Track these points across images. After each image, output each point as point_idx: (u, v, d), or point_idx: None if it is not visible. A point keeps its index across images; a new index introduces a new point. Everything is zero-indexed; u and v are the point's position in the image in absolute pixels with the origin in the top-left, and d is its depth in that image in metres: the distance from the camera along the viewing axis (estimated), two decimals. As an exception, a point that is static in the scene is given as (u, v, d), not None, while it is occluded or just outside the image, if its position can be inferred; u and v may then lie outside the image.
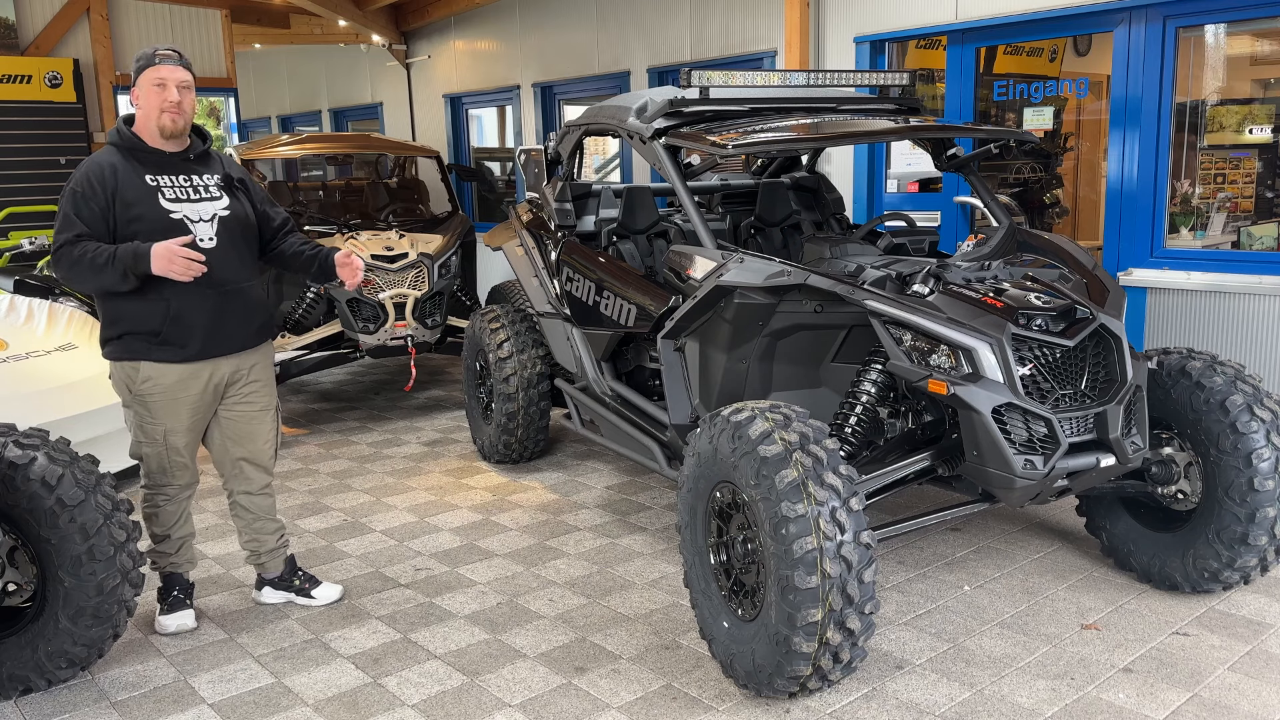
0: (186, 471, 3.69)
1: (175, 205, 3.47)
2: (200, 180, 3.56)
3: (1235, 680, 3.24)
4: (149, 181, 3.46)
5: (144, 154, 3.49)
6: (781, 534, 2.85)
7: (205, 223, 3.51)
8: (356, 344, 6.66)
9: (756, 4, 7.16)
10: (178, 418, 3.57)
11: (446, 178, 8.33)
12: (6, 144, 8.95)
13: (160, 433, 3.58)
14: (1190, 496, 3.72)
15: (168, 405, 3.54)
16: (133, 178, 3.43)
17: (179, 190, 3.50)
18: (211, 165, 3.64)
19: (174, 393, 3.54)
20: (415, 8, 10.49)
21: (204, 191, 3.55)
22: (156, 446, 3.60)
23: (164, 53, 3.47)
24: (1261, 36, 5.48)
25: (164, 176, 3.49)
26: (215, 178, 3.61)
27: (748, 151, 4.22)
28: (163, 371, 3.51)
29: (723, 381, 3.99)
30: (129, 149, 3.48)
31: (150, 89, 3.43)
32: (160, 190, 3.46)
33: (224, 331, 3.57)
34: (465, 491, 5.33)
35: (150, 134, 3.49)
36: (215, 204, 3.56)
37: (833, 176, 6.44)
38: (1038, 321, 3.31)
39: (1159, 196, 5.37)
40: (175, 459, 3.63)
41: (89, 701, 3.29)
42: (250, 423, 3.75)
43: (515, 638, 3.65)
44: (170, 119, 3.44)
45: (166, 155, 3.51)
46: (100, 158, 3.47)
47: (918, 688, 3.24)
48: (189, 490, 3.75)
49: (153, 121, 3.46)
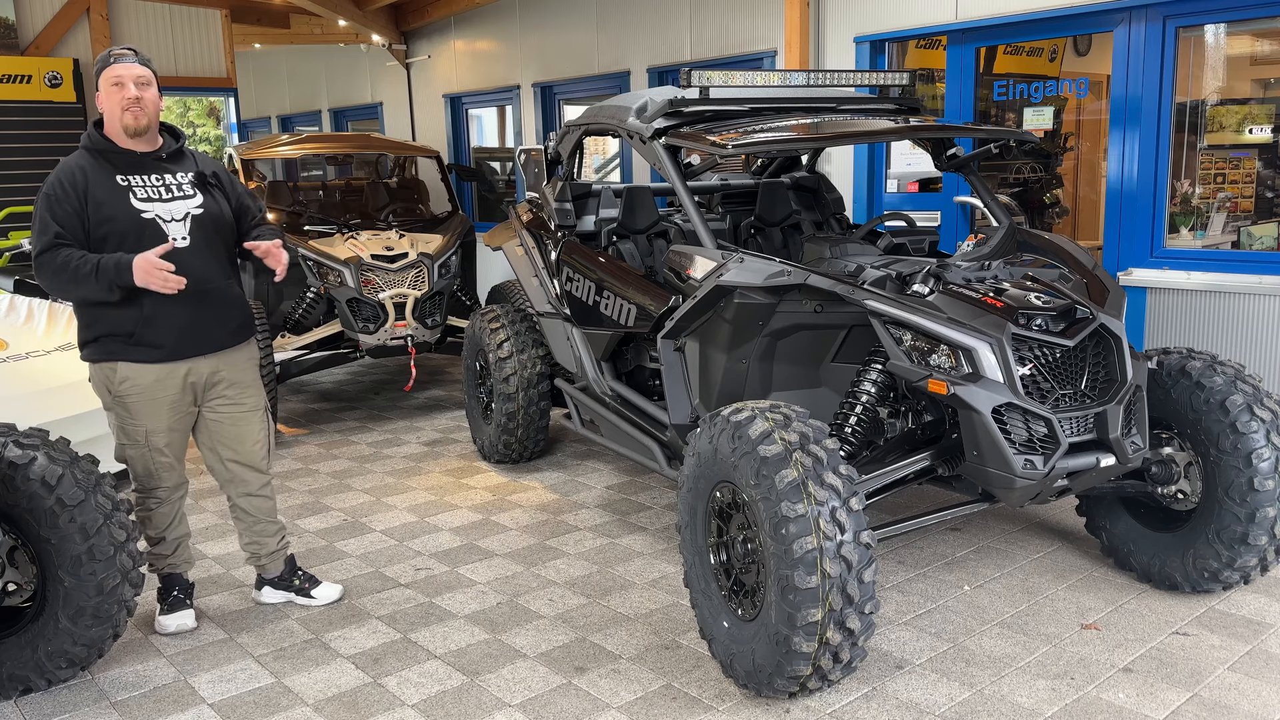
0: (173, 473, 3.68)
1: (146, 205, 3.46)
2: (173, 179, 3.54)
3: (1235, 680, 3.24)
4: (120, 182, 3.45)
5: (115, 155, 3.48)
6: (781, 534, 2.85)
7: (178, 222, 3.50)
8: (356, 344, 6.66)
9: (756, 4, 7.16)
10: (157, 418, 3.56)
11: (446, 178, 8.33)
12: (6, 144, 8.94)
13: (142, 434, 3.57)
14: (1190, 496, 3.72)
15: (146, 405, 3.53)
16: (103, 179, 3.42)
17: (150, 190, 3.49)
18: (184, 163, 3.62)
19: (152, 393, 3.53)
20: (415, 8, 10.49)
21: (176, 190, 3.53)
22: (139, 448, 3.60)
23: (119, 52, 3.46)
24: (1261, 36, 5.48)
25: (135, 176, 3.48)
26: (188, 176, 3.59)
27: (748, 151, 4.22)
28: (139, 372, 3.50)
29: (723, 381, 3.99)
30: (100, 151, 3.47)
31: (109, 89, 3.42)
32: (131, 190, 3.45)
33: (199, 331, 3.56)
34: (465, 491, 5.33)
35: (118, 135, 3.47)
36: (188, 202, 3.54)
37: (833, 176, 6.43)
38: (1038, 321, 3.31)
39: (1159, 196, 5.37)
40: (159, 460, 3.63)
41: (89, 701, 3.29)
42: (237, 424, 3.73)
43: (515, 638, 3.65)
44: (132, 117, 3.43)
45: (138, 155, 3.50)
46: (71, 161, 3.46)
47: (918, 687, 3.24)
48: (179, 492, 3.75)
49: (116, 121, 3.45)
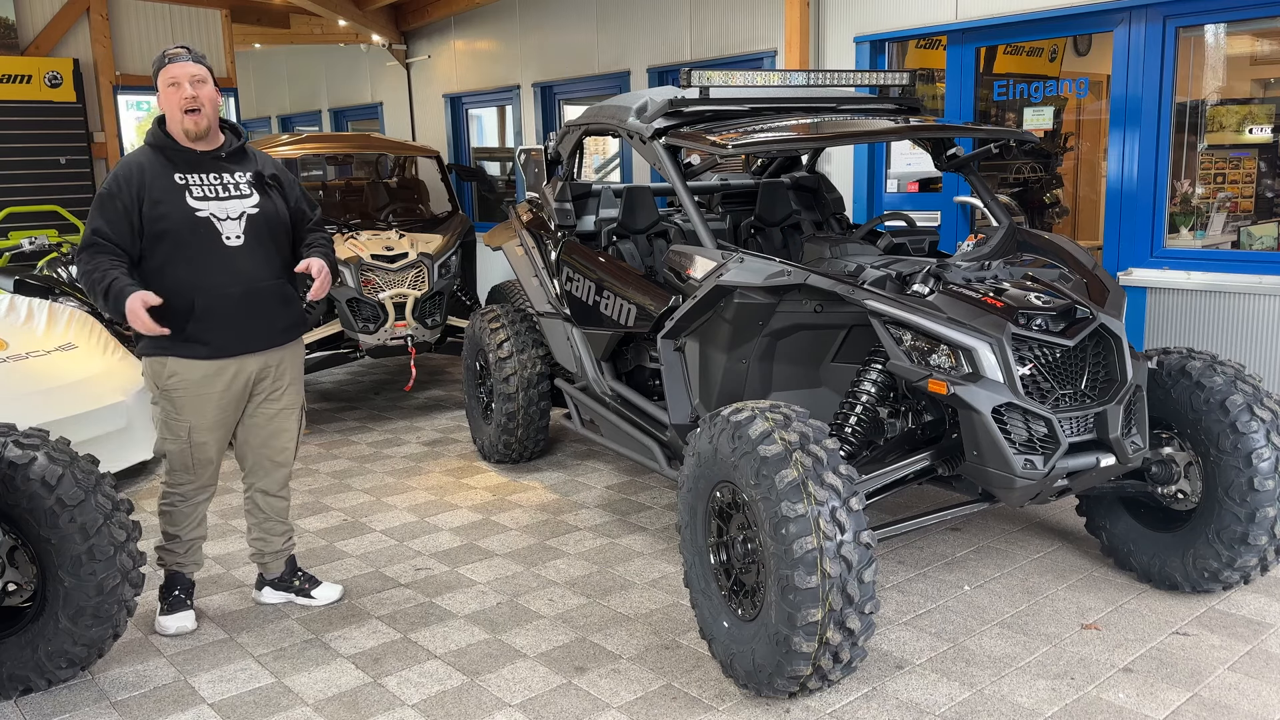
0: (208, 470, 3.69)
1: (202, 204, 3.49)
2: (231, 178, 3.58)
3: (1235, 680, 3.24)
4: (177, 180, 3.49)
5: (175, 153, 3.52)
6: (781, 534, 2.85)
7: (233, 220, 3.54)
8: (356, 344, 6.66)
9: (756, 4, 7.16)
10: (203, 414, 3.58)
11: (446, 178, 8.33)
12: (6, 144, 8.94)
13: (185, 429, 3.59)
14: (1190, 496, 3.72)
15: (193, 401, 3.55)
16: (161, 176, 3.47)
17: (207, 188, 3.52)
18: (244, 162, 3.65)
19: (199, 388, 3.55)
20: (415, 8, 10.49)
21: (233, 189, 3.57)
22: (180, 443, 3.61)
23: (173, 51, 3.49)
24: (1261, 36, 5.48)
25: (193, 175, 3.52)
26: (247, 175, 3.62)
27: (748, 151, 4.22)
28: (188, 367, 3.52)
29: (723, 381, 3.99)
30: (161, 148, 3.53)
31: (166, 90, 3.46)
32: (188, 189, 3.50)
33: (250, 329, 3.58)
34: (465, 491, 5.33)
35: (179, 134, 3.52)
36: (244, 202, 3.57)
37: (833, 176, 6.43)
38: (1038, 321, 3.31)
39: (1159, 196, 5.37)
40: (199, 456, 3.64)
41: (89, 701, 3.29)
42: (274, 420, 3.77)
43: (515, 638, 3.65)
44: (192, 120, 3.47)
45: (197, 154, 3.54)
46: (133, 157, 3.54)
47: (918, 687, 3.24)
48: (206, 493, 3.75)
49: (177, 123, 3.49)
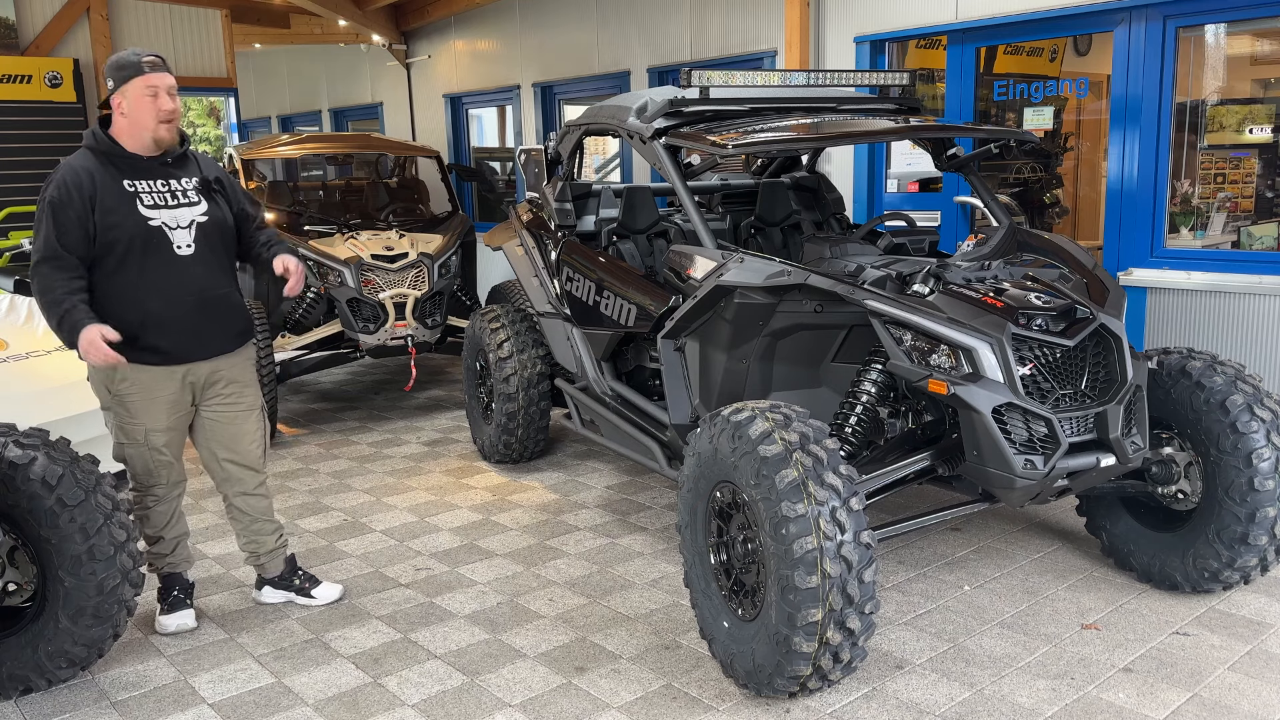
0: (171, 471, 3.68)
1: (153, 212, 3.44)
2: (178, 185, 3.52)
3: (1235, 680, 3.24)
4: (127, 187, 3.41)
5: (121, 159, 3.43)
6: (781, 534, 2.85)
7: (183, 229, 3.49)
8: (356, 344, 6.66)
9: (756, 4, 7.16)
10: (156, 417, 3.56)
11: (446, 178, 8.33)
12: (6, 144, 8.94)
13: (141, 433, 3.57)
14: (1190, 496, 3.72)
15: (145, 405, 3.53)
16: (110, 184, 3.39)
17: (157, 196, 3.46)
18: (188, 168, 3.58)
19: (151, 392, 3.52)
20: (415, 8, 10.49)
21: (182, 197, 3.51)
22: (139, 447, 3.60)
23: (150, 59, 3.40)
24: (1261, 36, 5.48)
25: (141, 182, 3.44)
26: (193, 181, 3.56)
27: (748, 151, 4.22)
28: (139, 372, 3.49)
29: (723, 381, 3.99)
30: (105, 154, 3.43)
31: (142, 98, 3.37)
32: (138, 196, 3.42)
33: (201, 337, 3.56)
34: (465, 491, 5.33)
35: (135, 141, 3.43)
36: (193, 210, 3.52)
37: (833, 176, 6.44)
38: (1038, 321, 3.31)
39: (1159, 196, 5.37)
40: (158, 458, 3.62)
41: (89, 701, 3.29)
42: (234, 423, 3.73)
43: (515, 638, 3.65)
44: (167, 130, 3.42)
45: (144, 160, 3.46)
46: (76, 163, 3.40)
47: (918, 687, 3.24)
48: (177, 489, 3.74)
49: (147, 132, 3.41)
